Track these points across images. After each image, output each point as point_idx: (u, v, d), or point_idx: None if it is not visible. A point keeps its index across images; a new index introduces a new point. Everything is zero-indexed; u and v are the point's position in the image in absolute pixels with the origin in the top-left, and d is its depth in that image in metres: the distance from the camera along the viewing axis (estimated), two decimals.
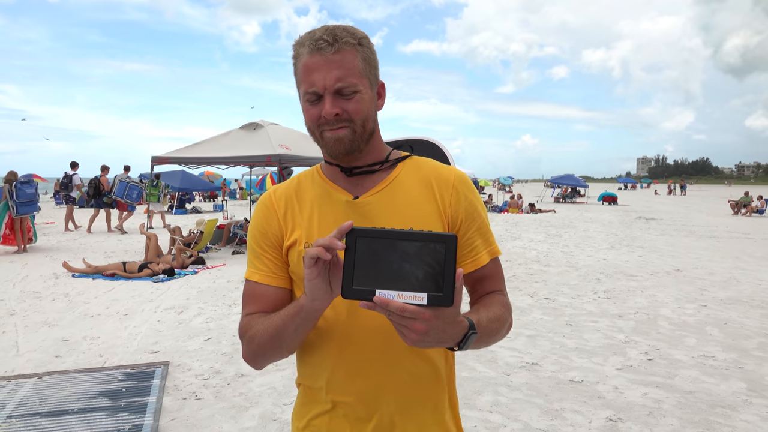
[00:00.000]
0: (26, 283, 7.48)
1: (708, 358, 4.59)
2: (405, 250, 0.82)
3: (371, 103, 1.11)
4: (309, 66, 1.06)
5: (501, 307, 1.12)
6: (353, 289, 0.83)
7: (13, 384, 3.89)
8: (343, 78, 1.05)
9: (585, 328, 5.47)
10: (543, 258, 10.07)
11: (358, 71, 1.07)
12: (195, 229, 10.16)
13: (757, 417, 3.48)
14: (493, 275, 1.18)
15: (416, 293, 0.81)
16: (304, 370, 1.18)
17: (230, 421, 3.38)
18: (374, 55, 1.12)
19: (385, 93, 1.17)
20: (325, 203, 1.15)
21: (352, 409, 1.10)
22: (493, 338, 1.08)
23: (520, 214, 21.96)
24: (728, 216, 22.49)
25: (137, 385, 3.88)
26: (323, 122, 1.07)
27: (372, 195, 1.14)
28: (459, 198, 1.15)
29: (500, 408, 3.59)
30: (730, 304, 6.56)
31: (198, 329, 5.32)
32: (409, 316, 0.82)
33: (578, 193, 34.12)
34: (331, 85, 1.04)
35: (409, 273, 0.82)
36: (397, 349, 1.08)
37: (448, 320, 0.86)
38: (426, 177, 1.16)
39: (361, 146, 1.11)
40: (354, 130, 1.08)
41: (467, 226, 1.15)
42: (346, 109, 1.06)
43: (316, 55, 1.05)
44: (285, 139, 10.10)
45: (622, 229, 16.07)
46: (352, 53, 1.06)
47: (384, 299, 0.81)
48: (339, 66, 1.05)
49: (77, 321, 5.61)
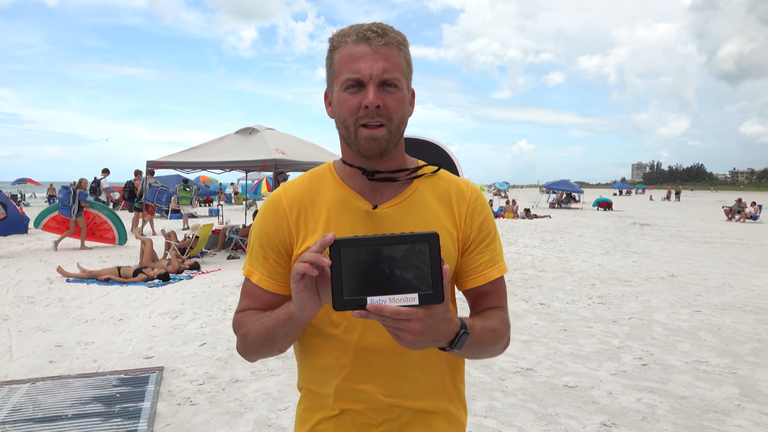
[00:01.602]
0: (20, 288, 7.44)
1: (702, 364, 4.61)
2: (390, 254, 0.83)
3: (407, 104, 1.09)
4: (354, 54, 1.03)
5: (499, 321, 1.12)
6: (344, 300, 0.83)
7: (7, 389, 3.87)
8: (390, 70, 1.03)
9: (580, 333, 5.49)
10: (538, 263, 10.09)
11: (401, 69, 1.06)
12: (190, 233, 10.14)
13: (749, 422, 3.50)
14: (496, 292, 1.18)
15: (407, 295, 0.83)
16: (310, 375, 1.16)
17: (225, 427, 3.37)
18: (411, 61, 1.12)
19: (414, 101, 1.15)
20: (342, 210, 1.12)
21: (360, 415, 1.10)
22: (487, 348, 1.07)
23: (516, 220, 22.01)
24: (722, 222, 22.61)
25: (131, 390, 3.86)
26: (362, 115, 1.03)
27: (392, 206, 1.12)
28: (474, 215, 1.15)
29: (495, 413, 3.60)
30: (723, 309, 6.59)
31: (193, 334, 5.31)
32: (404, 318, 0.83)
33: (573, 198, 34.23)
34: (378, 74, 1.02)
35: (397, 276, 0.83)
36: (409, 358, 1.08)
37: (439, 318, 0.86)
38: (445, 191, 1.16)
39: (392, 148, 1.08)
40: (390, 130, 1.05)
41: (479, 241, 1.15)
42: (387, 104, 1.03)
43: (363, 44, 1.03)
44: (281, 143, 10.11)
45: (617, 234, 16.13)
46: (398, 51, 1.06)
47: (377, 305, 0.82)
48: (386, 58, 1.03)
49: (71, 326, 5.59)
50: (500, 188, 53.48)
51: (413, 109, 1.14)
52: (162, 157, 10.80)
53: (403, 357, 1.08)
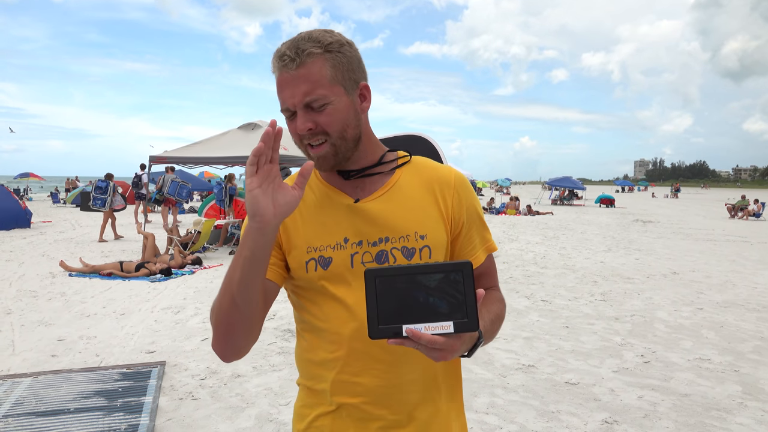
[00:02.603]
0: (23, 282, 7.46)
1: (704, 361, 4.60)
2: (425, 283, 0.85)
3: (348, 110, 1.07)
4: (279, 83, 1.05)
5: (499, 304, 1.17)
6: (380, 329, 0.85)
7: (9, 383, 3.89)
8: (311, 92, 1.02)
9: (581, 330, 5.48)
10: (540, 260, 10.09)
11: (326, 81, 1.03)
12: (192, 228, 10.16)
13: (752, 420, 3.49)
14: (489, 272, 1.21)
15: (442, 323, 0.84)
16: (307, 370, 1.17)
17: (226, 422, 3.38)
18: (351, 57, 1.08)
19: (370, 94, 1.12)
20: (326, 207, 1.14)
21: (357, 410, 1.10)
22: (493, 336, 1.12)
23: (518, 216, 21.99)
24: (725, 219, 22.57)
25: (133, 384, 3.87)
26: (302, 137, 1.07)
27: (374, 199, 1.13)
28: (461, 200, 1.15)
29: (496, 410, 3.60)
30: (726, 307, 6.58)
31: (195, 329, 5.31)
32: (439, 347, 0.85)
33: (576, 195, 34.18)
34: (299, 101, 1.03)
35: (432, 304, 0.85)
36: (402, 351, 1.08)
37: (467, 339, 0.91)
38: (427, 179, 1.16)
39: (348, 155, 1.09)
40: (333, 144, 1.06)
41: (468, 226, 1.16)
42: (319, 122, 1.04)
43: (282, 72, 1.04)
44: (283, 139, 10.11)
45: (619, 231, 16.11)
46: (319, 63, 1.03)
47: (416, 333, 0.84)
48: (305, 80, 1.02)
49: (74, 320, 5.60)
50: (502, 185, 53.46)
51: (368, 103, 1.12)
52: (165, 153, 10.81)
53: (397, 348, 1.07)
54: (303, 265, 1.10)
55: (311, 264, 1.10)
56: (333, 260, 1.09)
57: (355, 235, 1.10)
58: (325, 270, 1.09)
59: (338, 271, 1.08)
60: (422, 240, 1.10)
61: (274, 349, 4.73)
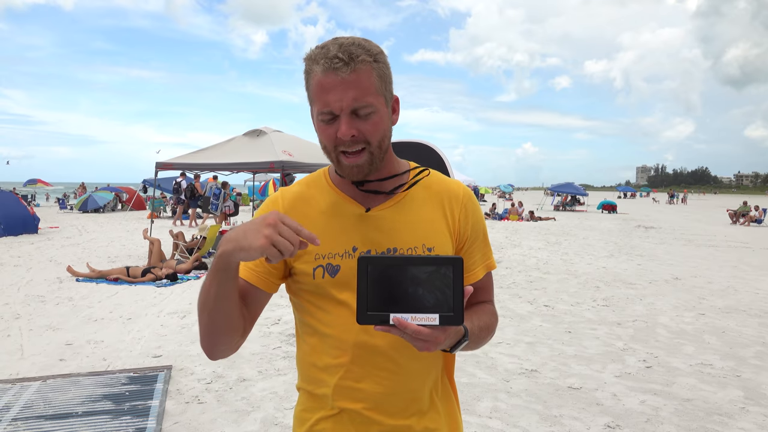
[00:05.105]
0: (31, 287, 7.52)
1: (706, 366, 4.63)
2: (415, 275, 0.87)
3: (387, 121, 1.09)
4: (324, 85, 1.02)
5: (491, 316, 1.20)
6: (368, 315, 0.88)
7: (18, 387, 3.94)
8: (360, 98, 1.02)
9: (584, 335, 5.51)
10: (543, 265, 10.11)
11: (374, 90, 1.04)
12: (198, 234, 10.21)
13: (753, 425, 3.52)
14: (486, 287, 1.24)
15: (428, 315, 0.87)
16: (309, 375, 1.17)
17: (232, 425, 3.42)
18: (389, 69, 1.09)
19: (399, 107, 1.15)
20: (336, 215, 1.14)
21: (358, 415, 1.11)
22: (479, 344, 1.15)
23: (520, 222, 21.99)
24: (727, 225, 22.53)
25: (140, 388, 3.92)
26: (339, 143, 1.05)
27: (385, 209, 1.14)
28: (467, 214, 1.18)
29: (499, 414, 3.63)
30: (728, 312, 6.60)
31: None
32: (423, 339, 0.88)
33: (578, 201, 34.14)
34: (347, 106, 1.02)
35: (420, 296, 0.88)
36: (405, 356, 1.11)
37: (452, 333, 0.94)
38: (437, 192, 1.18)
39: (379, 165, 1.10)
40: (371, 153, 1.06)
41: (471, 241, 1.19)
42: (363, 130, 1.04)
43: (330, 74, 1.01)
44: (288, 145, 10.18)
45: (622, 237, 16.11)
46: (368, 71, 1.03)
47: (402, 322, 0.87)
48: (355, 86, 1.01)
49: (81, 325, 5.65)
50: (505, 190, 53.42)
51: (397, 116, 1.14)
52: (171, 159, 10.89)
53: (401, 353, 1.10)
54: (310, 271, 1.11)
55: (319, 271, 1.10)
56: (341, 268, 1.10)
57: (364, 245, 1.11)
58: (333, 278, 1.10)
59: (346, 279, 1.09)
60: (429, 252, 1.11)
61: (279, 354, 4.77)
